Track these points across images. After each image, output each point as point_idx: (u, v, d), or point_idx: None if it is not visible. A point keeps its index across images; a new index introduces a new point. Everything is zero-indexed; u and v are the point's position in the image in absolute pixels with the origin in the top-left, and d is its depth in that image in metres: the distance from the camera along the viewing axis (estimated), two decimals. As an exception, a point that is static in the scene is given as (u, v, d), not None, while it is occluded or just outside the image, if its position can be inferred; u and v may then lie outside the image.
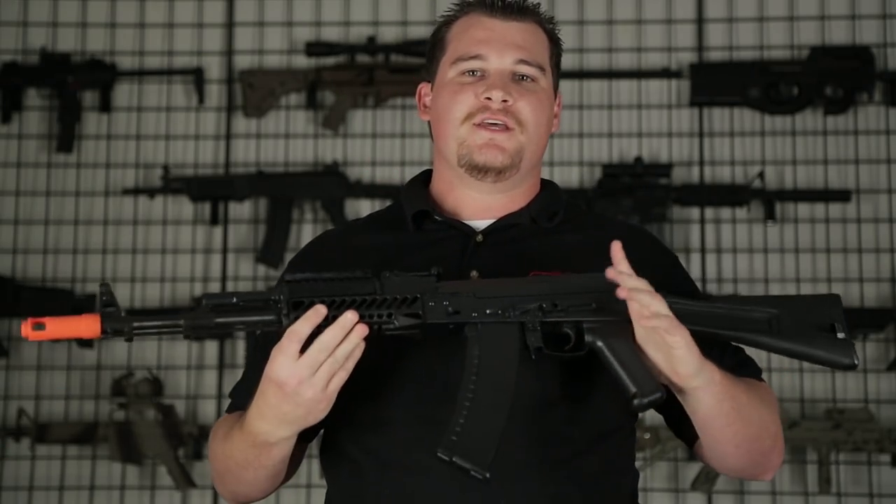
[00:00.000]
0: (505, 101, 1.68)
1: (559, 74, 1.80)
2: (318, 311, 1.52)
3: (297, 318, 1.52)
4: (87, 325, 1.52)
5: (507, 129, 1.69)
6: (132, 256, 3.78)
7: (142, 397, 3.61)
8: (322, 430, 1.76)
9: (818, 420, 3.53)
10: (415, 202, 1.76)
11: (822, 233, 3.69)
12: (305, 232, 3.77)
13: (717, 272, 3.67)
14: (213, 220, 3.75)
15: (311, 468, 3.58)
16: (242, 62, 3.85)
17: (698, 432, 1.66)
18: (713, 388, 1.57)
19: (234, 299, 1.55)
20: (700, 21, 3.80)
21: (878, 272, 3.67)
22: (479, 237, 1.72)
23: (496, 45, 1.71)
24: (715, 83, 3.73)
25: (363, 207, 3.77)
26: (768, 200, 3.67)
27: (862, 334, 3.61)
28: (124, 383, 3.64)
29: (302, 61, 3.83)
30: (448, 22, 1.77)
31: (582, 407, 1.65)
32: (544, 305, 1.60)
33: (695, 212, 3.72)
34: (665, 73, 3.76)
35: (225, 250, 3.78)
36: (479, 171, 1.70)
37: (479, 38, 1.71)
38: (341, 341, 1.51)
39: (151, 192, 3.77)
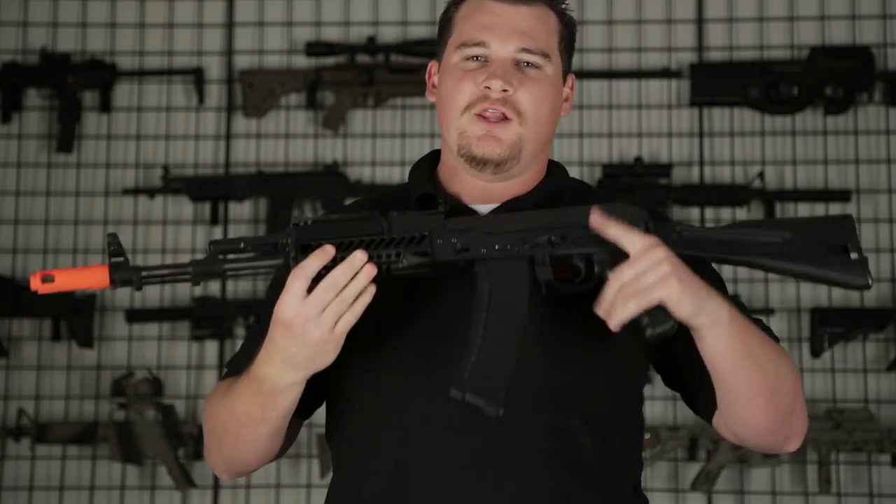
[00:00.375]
0: (505, 90, 1.66)
1: (571, 56, 1.78)
2: (326, 251, 1.51)
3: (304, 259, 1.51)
4: (97, 276, 1.54)
5: (505, 118, 1.67)
6: (132, 256, 3.76)
7: (142, 397, 3.61)
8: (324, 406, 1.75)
9: (818, 420, 3.53)
10: (420, 184, 1.75)
11: (822, 233, 3.69)
12: (305, 232, 3.77)
13: (717, 272, 3.66)
14: (213, 220, 3.75)
15: (311, 468, 3.58)
16: (242, 62, 3.85)
17: (713, 382, 1.61)
18: (719, 327, 1.54)
19: (242, 244, 1.55)
20: (700, 21, 3.80)
21: (878, 272, 3.67)
22: None
23: (500, 32, 1.68)
24: (715, 83, 3.73)
25: (363, 207, 3.77)
26: (768, 200, 3.67)
27: (862, 334, 3.61)
28: (124, 383, 3.64)
29: (302, 61, 3.83)
30: (457, 2, 1.75)
31: (597, 358, 1.64)
32: (553, 238, 1.59)
33: (695, 212, 3.72)
34: (665, 73, 3.76)
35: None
36: (477, 162, 1.68)
37: (484, 24, 1.69)
38: (350, 281, 1.50)
39: (151, 192, 3.77)
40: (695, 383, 1.68)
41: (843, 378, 3.63)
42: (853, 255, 1.60)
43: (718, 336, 1.55)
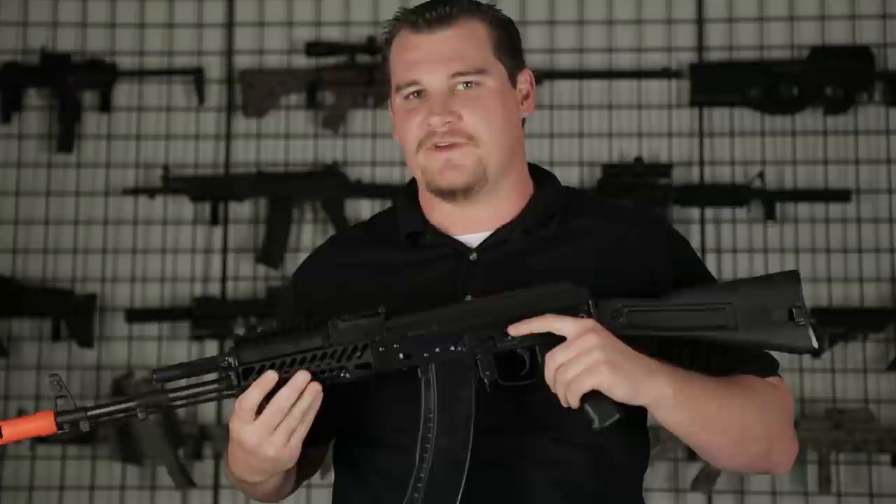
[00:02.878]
0: (448, 122, 1.64)
1: (517, 53, 1.73)
2: (267, 379, 1.53)
3: (247, 387, 1.53)
4: (42, 423, 1.57)
5: (460, 145, 1.65)
6: (132, 256, 3.78)
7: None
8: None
9: (818, 420, 3.53)
10: (408, 219, 1.74)
11: (822, 233, 3.69)
12: (305, 232, 3.77)
13: (717, 272, 3.67)
14: (213, 220, 3.75)
15: (311, 468, 3.58)
16: (242, 62, 3.85)
17: None
18: (665, 403, 1.54)
19: (180, 371, 1.55)
20: (700, 21, 3.80)
21: (878, 272, 3.67)
22: (473, 255, 1.69)
23: (426, 66, 1.66)
24: (715, 83, 3.73)
25: (363, 207, 3.77)
26: (768, 200, 3.67)
27: (862, 334, 3.61)
28: (124, 383, 3.64)
29: (302, 61, 3.83)
30: (387, 41, 1.73)
31: (552, 432, 1.63)
32: (494, 335, 1.57)
33: (695, 212, 3.72)
34: (665, 73, 3.76)
35: (225, 250, 3.78)
36: (446, 194, 1.67)
37: (410, 61, 1.67)
38: (296, 401, 1.53)
39: (151, 192, 3.77)
40: None
41: (843, 378, 3.63)
42: (798, 319, 1.59)
43: (666, 411, 1.55)
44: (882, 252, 3.67)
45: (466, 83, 1.66)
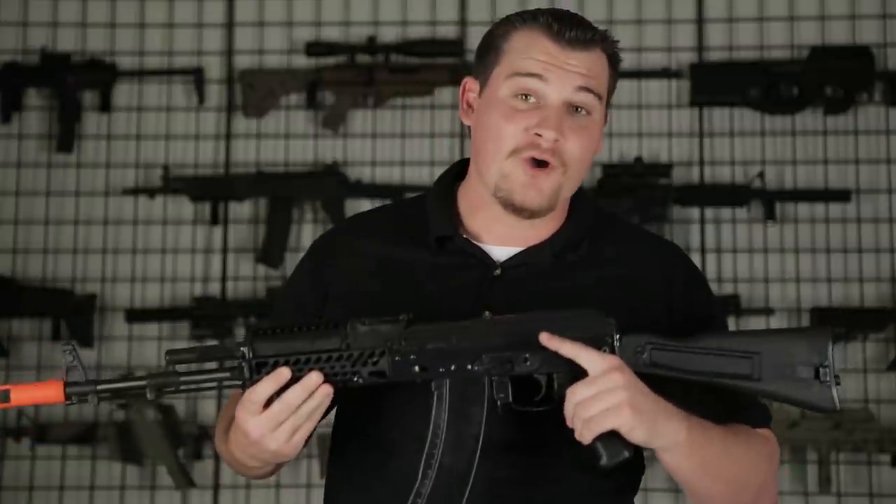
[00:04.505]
0: (556, 140, 1.61)
1: (613, 92, 1.71)
2: (280, 375, 1.52)
3: (258, 380, 1.52)
4: (51, 392, 1.56)
5: (550, 166, 1.62)
6: (132, 256, 3.78)
7: (142, 397, 3.60)
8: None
9: (818, 420, 3.53)
10: (440, 220, 1.70)
11: (822, 233, 3.70)
12: (305, 232, 3.77)
13: (717, 272, 3.67)
14: (213, 220, 3.75)
15: (311, 468, 3.58)
16: (242, 62, 3.85)
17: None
18: (677, 450, 1.54)
19: (197, 354, 1.55)
20: (700, 21, 3.80)
21: (878, 272, 3.67)
22: (498, 271, 1.67)
23: (557, 72, 1.61)
24: (715, 83, 3.73)
25: (363, 207, 3.76)
26: (768, 200, 3.67)
27: (862, 334, 3.61)
28: (124, 383, 3.64)
29: (302, 61, 3.83)
30: (507, 30, 1.67)
31: (560, 455, 1.62)
32: (513, 357, 1.55)
33: (695, 212, 3.72)
34: (665, 73, 3.76)
35: (225, 250, 3.78)
36: (515, 209, 1.64)
37: (541, 60, 1.62)
38: (305, 399, 1.51)
39: (151, 192, 3.77)
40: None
41: (842, 378, 3.62)
42: (824, 378, 1.58)
43: (674, 456, 1.54)
44: (882, 252, 3.67)
45: (580, 108, 1.63)
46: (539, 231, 1.69)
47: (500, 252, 1.68)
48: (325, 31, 3.84)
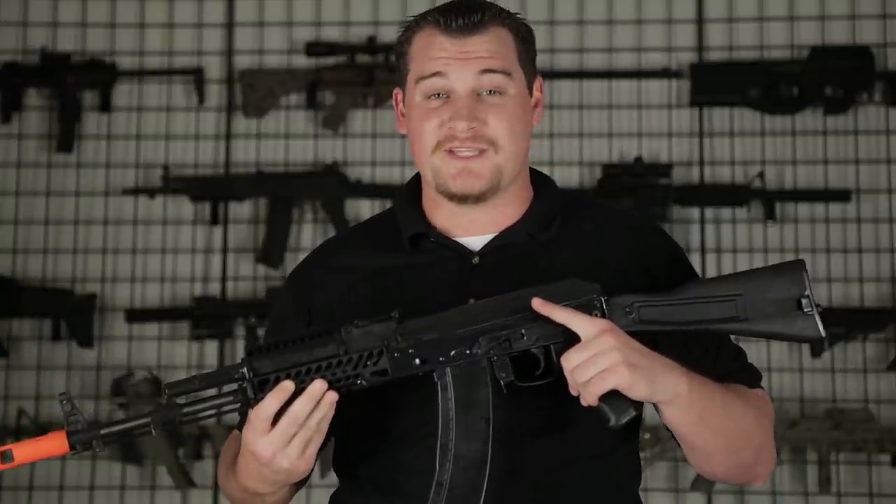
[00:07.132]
0: (472, 127, 1.64)
1: (534, 61, 1.74)
2: (284, 388, 1.51)
3: (262, 398, 1.51)
4: (55, 444, 1.52)
5: (480, 152, 1.65)
6: (132, 256, 3.78)
7: (142, 397, 3.61)
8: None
9: (818, 420, 3.53)
10: (410, 221, 1.73)
11: (822, 233, 3.70)
12: (305, 232, 3.77)
13: (717, 272, 3.67)
14: (213, 220, 3.75)
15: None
16: (242, 62, 3.85)
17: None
18: (678, 401, 1.55)
19: (197, 382, 1.53)
20: (700, 21, 3.80)
21: (878, 272, 3.67)
22: (476, 259, 1.69)
23: (455, 64, 1.65)
24: (715, 83, 3.73)
25: (363, 207, 3.77)
26: (768, 200, 3.67)
27: (862, 334, 3.61)
28: (124, 383, 3.65)
29: (302, 61, 3.83)
30: (408, 36, 1.72)
31: (569, 434, 1.64)
32: (509, 334, 1.56)
33: (695, 212, 3.72)
34: (665, 73, 3.76)
35: (225, 250, 3.78)
36: (458, 198, 1.67)
37: (439, 58, 1.66)
38: (312, 410, 1.51)
39: (151, 192, 3.77)
40: None
41: (843, 378, 3.63)
42: (806, 308, 1.60)
43: (677, 408, 1.56)
44: (882, 252, 3.68)
45: (491, 91, 1.65)
46: (507, 215, 1.71)
47: (475, 241, 1.71)
48: (325, 31, 3.84)
